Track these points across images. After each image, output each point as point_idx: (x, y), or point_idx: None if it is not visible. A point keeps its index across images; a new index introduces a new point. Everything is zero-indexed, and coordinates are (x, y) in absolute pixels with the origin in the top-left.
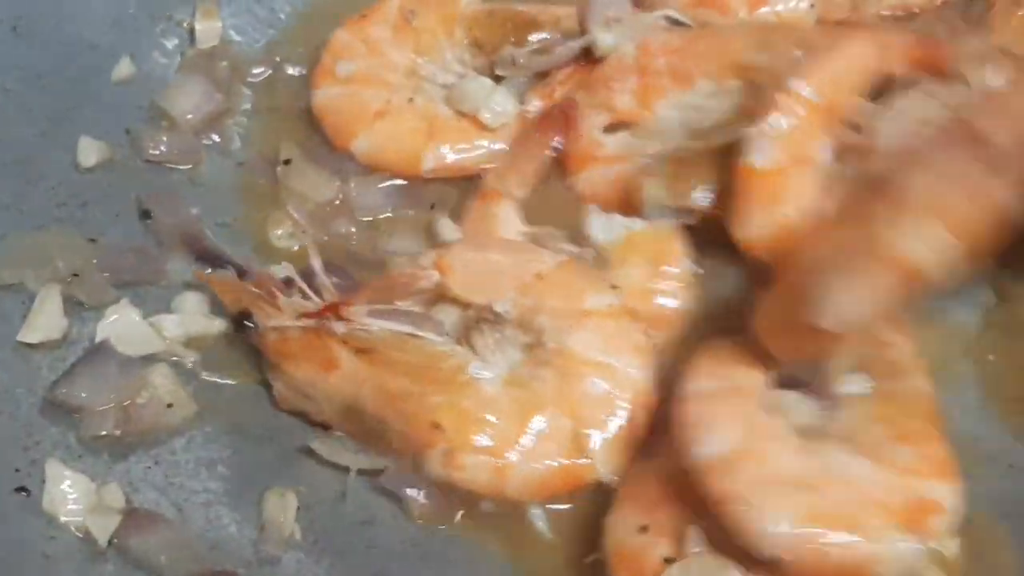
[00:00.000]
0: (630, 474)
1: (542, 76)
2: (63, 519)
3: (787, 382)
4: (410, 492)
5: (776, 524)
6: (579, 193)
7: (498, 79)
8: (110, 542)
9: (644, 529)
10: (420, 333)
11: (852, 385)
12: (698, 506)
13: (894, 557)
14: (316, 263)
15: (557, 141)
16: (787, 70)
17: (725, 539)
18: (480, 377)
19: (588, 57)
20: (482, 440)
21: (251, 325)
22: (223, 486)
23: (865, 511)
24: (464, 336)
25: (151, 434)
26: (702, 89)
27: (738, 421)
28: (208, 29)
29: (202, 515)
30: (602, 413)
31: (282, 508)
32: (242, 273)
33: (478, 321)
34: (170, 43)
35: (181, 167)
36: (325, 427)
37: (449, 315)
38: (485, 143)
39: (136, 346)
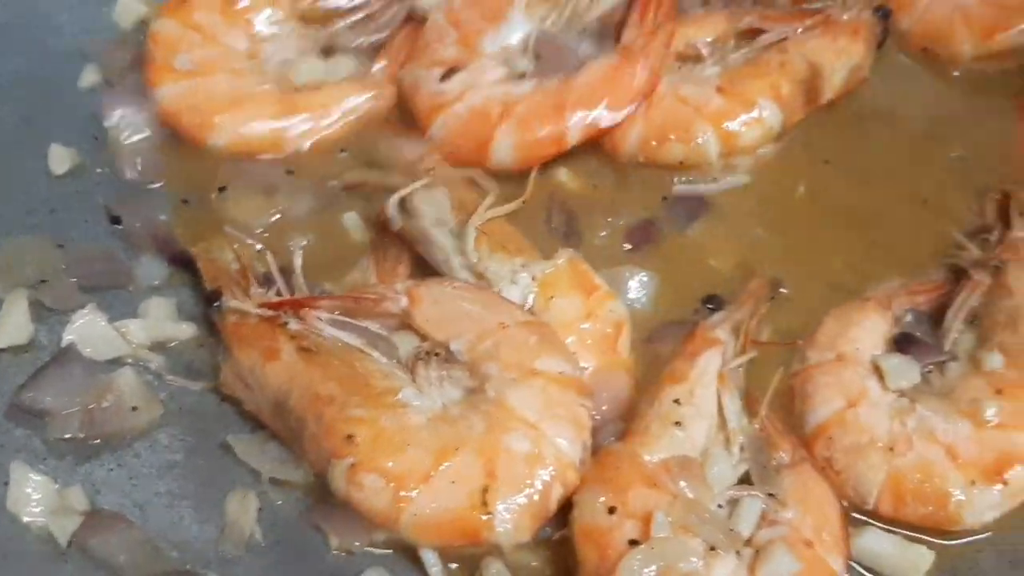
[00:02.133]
0: (601, 455)
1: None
2: (25, 519)
3: (900, 344)
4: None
5: (862, 485)
6: (436, 141)
7: (330, 51)
8: (70, 542)
9: (612, 510)
10: (368, 350)
11: (988, 361)
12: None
13: (979, 503)
14: (297, 262)
15: None
16: None
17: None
18: (409, 403)
19: (415, 17)
20: (389, 464)
21: (218, 306)
22: (186, 488)
23: (947, 466)
24: (411, 364)
25: (116, 437)
26: (513, 17)
27: (838, 390)
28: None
29: (164, 516)
30: (518, 474)
31: (243, 510)
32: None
33: (428, 353)
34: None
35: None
36: (256, 420)
37: (408, 343)
38: (349, 105)
39: (102, 350)
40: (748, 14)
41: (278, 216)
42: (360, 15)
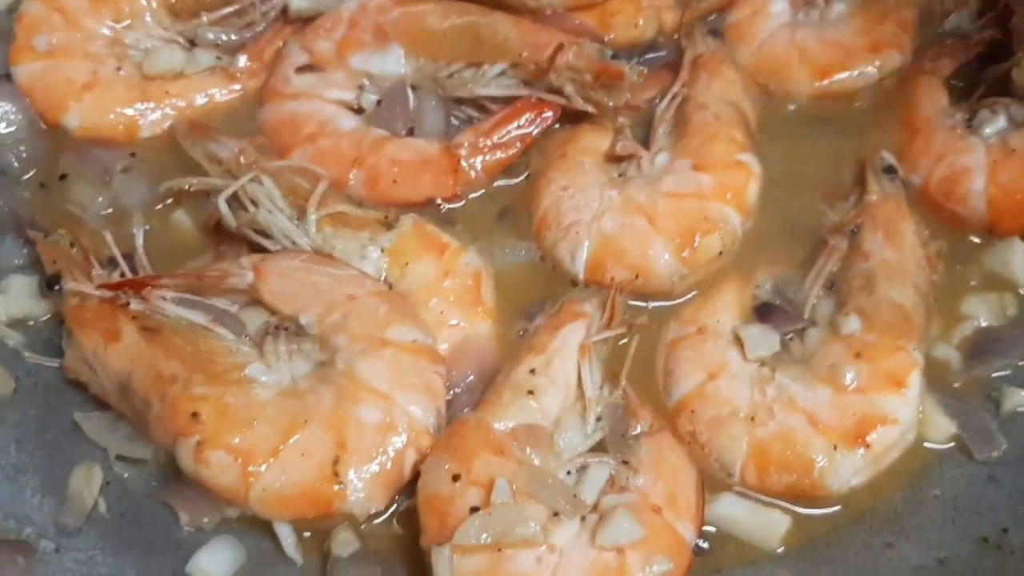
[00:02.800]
0: (452, 424)
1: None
2: None
3: (760, 314)
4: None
5: (725, 457)
6: (261, 124)
7: (192, 44)
8: None
9: (456, 478)
10: (214, 328)
11: (845, 325)
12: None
13: (842, 468)
14: (138, 241)
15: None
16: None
17: None
18: (256, 379)
19: (286, 18)
20: (235, 440)
21: (58, 289)
22: (31, 462)
23: (809, 433)
24: (260, 340)
25: None
26: (394, 53)
27: (699, 364)
28: None
29: (5, 488)
30: (370, 444)
31: (87, 482)
32: (73, 245)
33: (277, 328)
34: None
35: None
36: (103, 403)
37: (257, 319)
38: (208, 96)
39: None
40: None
41: (110, 210)
42: (230, 9)
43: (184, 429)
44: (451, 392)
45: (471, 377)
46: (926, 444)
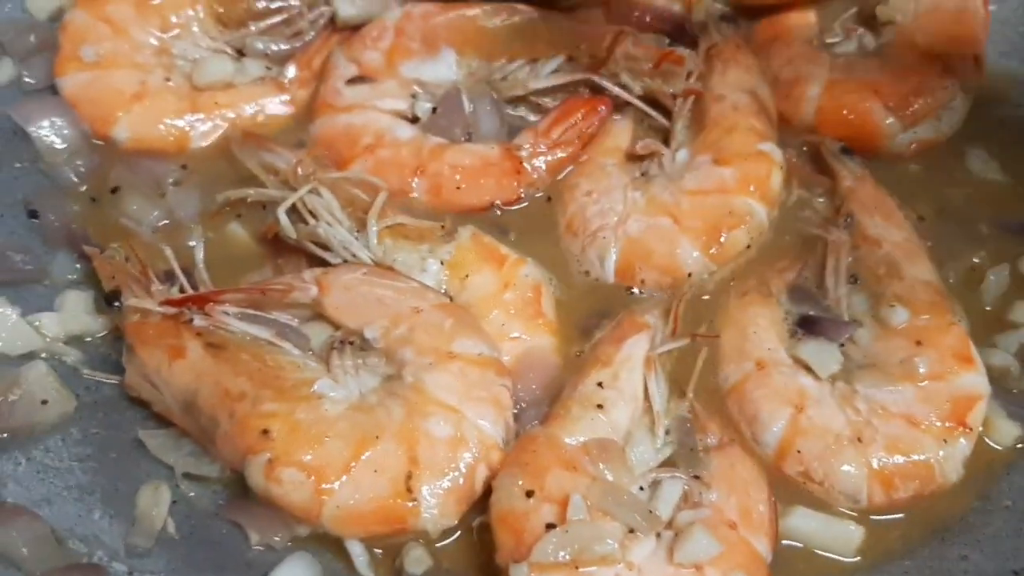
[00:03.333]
0: (521, 438)
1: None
2: None
3: (806, 329)
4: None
5: (848, 486)
6: (315, 137)
7: (240, 54)
8: None
9: (530, 494)
10: (279, 343)
11: (894, 317)
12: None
13: (956, 457)
14: (198, 255)
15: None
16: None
17: None
18: (324, 395)
19: (334, 26)
20: (308, 457)
21: (118, 305)
22: (97, 482)
23: (915, 435)
24: (326, 355)
25: (25, 430)
26: (445, 58)
27: (779, 400)
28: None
29: (73, 509)
30: (441, 459)
31: (155, 501)
32: (128, 259)
33: (343, 342)
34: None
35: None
36: (165, 420)
37: (321, 333)
38: (259, 106)
39: (13, 344)
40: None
41: (165, 222)
42: (278, 19)
43: (254, 446)
44: (517, 406)
45: (535, 390)
46: (994, 446)
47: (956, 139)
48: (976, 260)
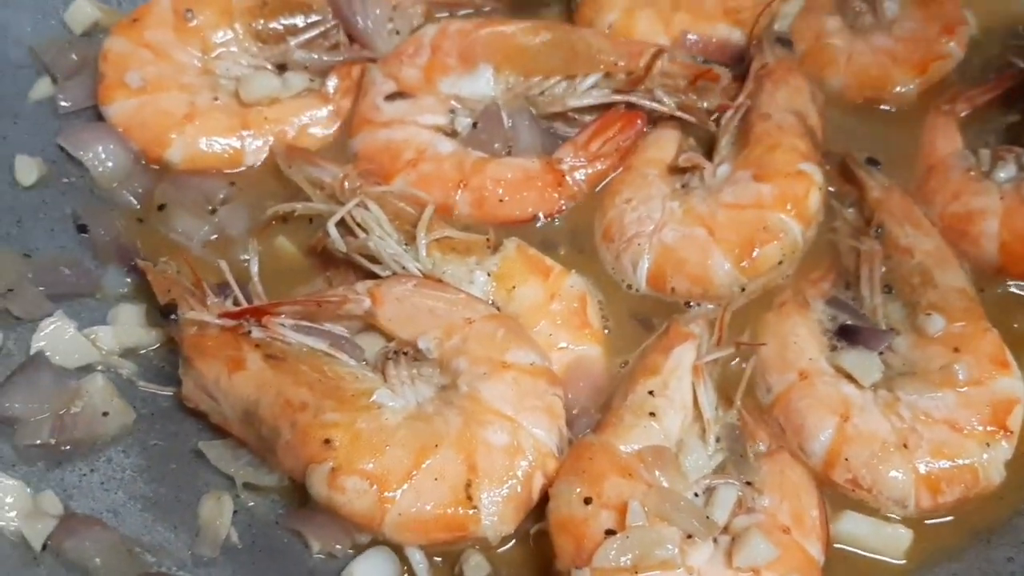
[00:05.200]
0: (576, 446)
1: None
2: None
3: (846, 337)
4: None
5: (896, 492)
6: (355, 152)
7: (282, 68)
8: (45, 546)
9: (588, 501)
10: (335, 354)
11: (931, 325)
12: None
13: (998, 460)
14: (253, 268)
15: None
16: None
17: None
18: (384, 404)
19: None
20: (370, 466)
21: (175, 318)
22: (159, 492)
23: (959, 440)
24: (381, 365)
25: (87, 442)
26: (482, 74)
27: (824, 409)
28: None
29: (138, 520)
30: (499, 467)
31: (218, 511)
32: (179, 272)
33: (397, 353)
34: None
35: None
36: (223, 432)
37: (374, 344)
38: (307, 118)
39: (71, 357)
40: (699, 109)
41: (215, 236)
42: (315, 32)
43: (317, 456)
44: (569, 414)
45: (584, 399)
46: None
47: None
48: None
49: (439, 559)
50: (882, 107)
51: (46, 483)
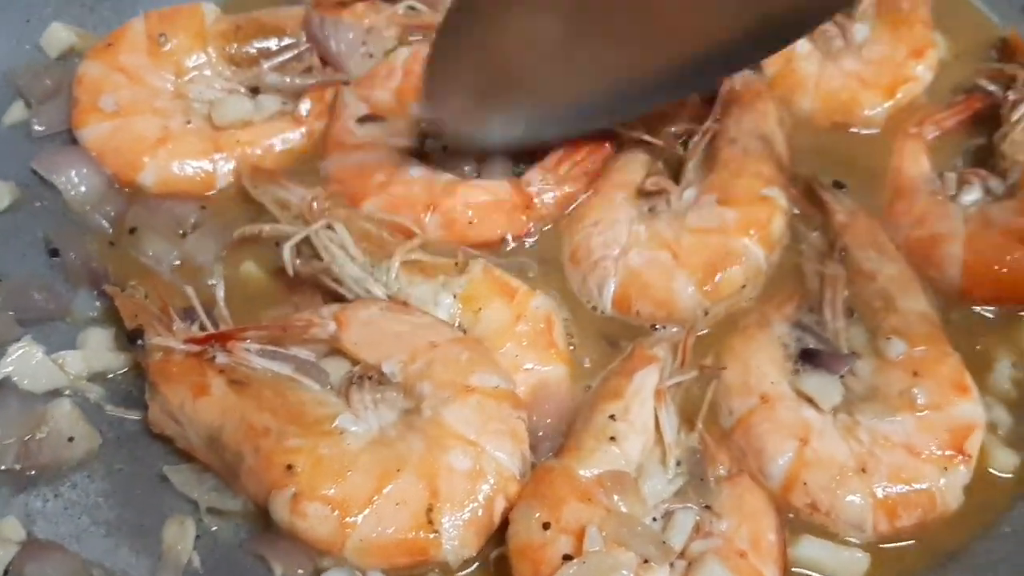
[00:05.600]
0: (537, 470)
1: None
2: None
3: (807, 361)
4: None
5: (854, 516)
6: (327, 174)
7: (255, 91)
8: (6, 572)
9: (546, 526)
10: (299, 378)
11: (891, 349)
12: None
13: (956, 485)
14: (219, 293)
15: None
16: None
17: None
18: (346, 429)
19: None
20: (331, 491)
21: (141, 344)
22: (123, 517)
23: (916, 464)
24: (345, 389)
25: (52, 467)
26: None
27: (784, 433)
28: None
29: (101, 545)
30: (461, 491)
31: (181, 536)
32: (147, 296)
33: (361, 377)
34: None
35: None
36: (189, 456)
37: (339, 368)
38: (279, 140)
39: (39, 382)
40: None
41: (184, 260)
42: (288, 55)
43: (279, 481)
44: (534, 436)
45: (549, 421)
46: (995, 472)
47: None
48: None
49: None
50: (851, 130)
51: (9, 509)
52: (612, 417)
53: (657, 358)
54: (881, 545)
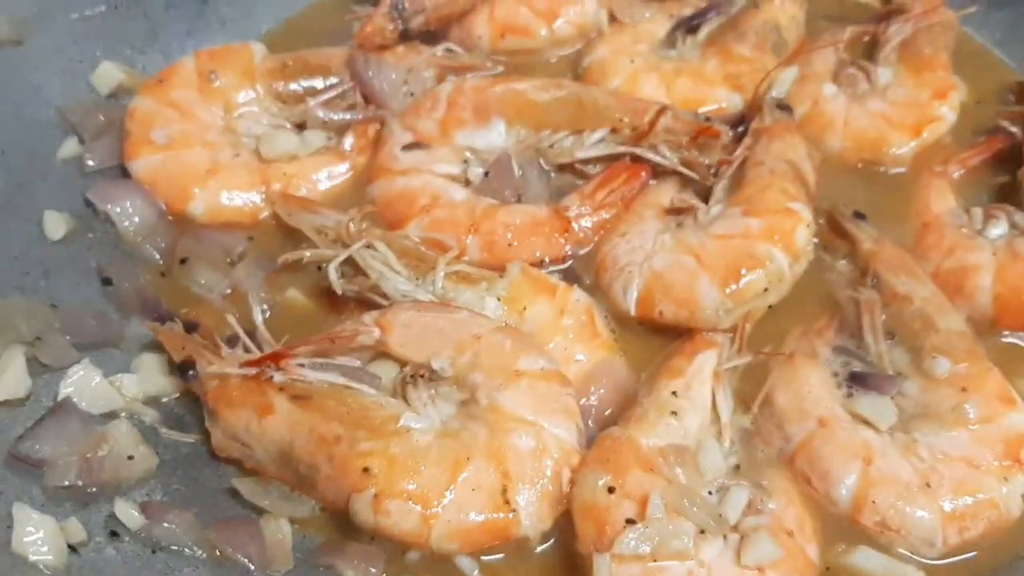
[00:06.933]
0: (601, 438)
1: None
2: (32, 558)
3: (858, 385)
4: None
5: (924, 531)
6: (373, 199)
7: (302, 126)
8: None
9: (611, 490)
10: (355, 385)
11: (937, 368)
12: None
13: (1016, 492)
14: (258, 318)
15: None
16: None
17: None
18: (412, 427)
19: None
20: (410, 486)
21: (193, 374)
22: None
23: (977, 476)
24: (400, 390)
25: (112, 485)
26: (495, 127)
27: (847, 455)
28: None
29: (162, 560)
30: (529, 469)
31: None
32: (191, 327)
33: (414, 376)
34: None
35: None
36: (236, 472)
37: (388, 370)
38: (325, 175)
39: (97, 403)
40: (700, 164)
41: (229, 290)
42: (333, 93)
43: (358, 484)
44: (604, 412)
45: (610, 399)
46: None
47: None
48: None
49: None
50: (879, 168)
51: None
52: (674, 394)
53: (716, 343)
54: (938, 562)
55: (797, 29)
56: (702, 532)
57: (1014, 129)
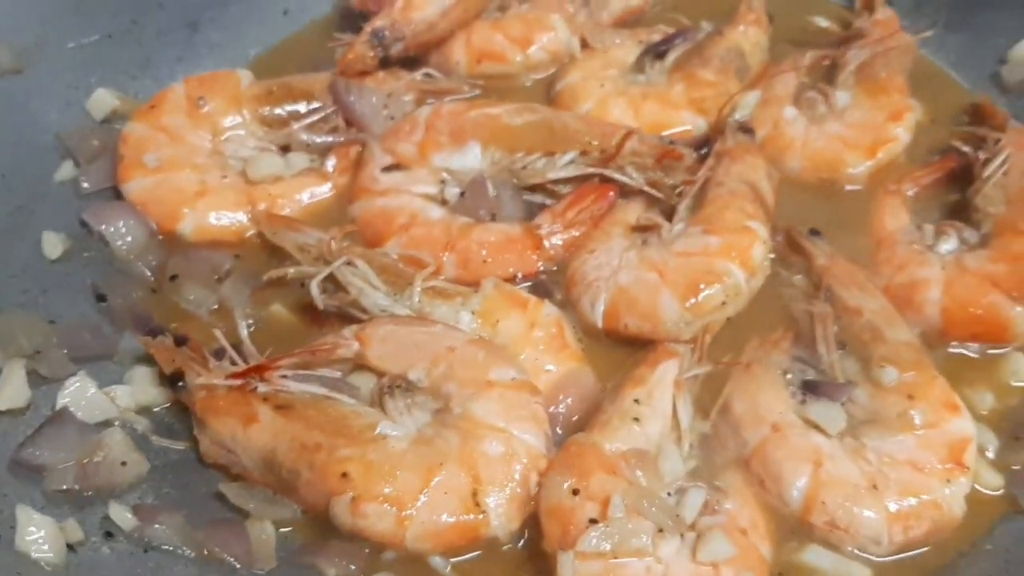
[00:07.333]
0: (567, 443)
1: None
2: (35, 556)
3: (810, 392)
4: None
5: (871, 530)
6: (354, 218)
7: (286, 148)
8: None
9: (576, 492)
10: (335, 396)
11: (885, 376)
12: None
13: (959, 494)
14: (243, 332)
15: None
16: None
17: None
18: (388, 435)
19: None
20: (386, 490)
21: (182, 385)
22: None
23: (921, 479)
24: (378, 400)
25: (106, 489)
26: (471, 150)
27: (798, 459)
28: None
29: (153, 559)
30: (498, 474)
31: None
32: (180, 341)
33: (391, 387)
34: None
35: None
36: (224, 478)
37: (366, 381)
38: (307, 195)
39: (92, 413)
40: (665, 185)
41: (216, 306)
42: (316, 117)
43: (337, 489)
44: (571, 419)
45: (576, 405)
46: (980, 489)
47: None
48: None
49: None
50: (835, 187)
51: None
52: (636, 401)
53: (678, 353)
54: (885, 559)
55: (760, 54)
56: (660, 531)
57: (966, 149)
